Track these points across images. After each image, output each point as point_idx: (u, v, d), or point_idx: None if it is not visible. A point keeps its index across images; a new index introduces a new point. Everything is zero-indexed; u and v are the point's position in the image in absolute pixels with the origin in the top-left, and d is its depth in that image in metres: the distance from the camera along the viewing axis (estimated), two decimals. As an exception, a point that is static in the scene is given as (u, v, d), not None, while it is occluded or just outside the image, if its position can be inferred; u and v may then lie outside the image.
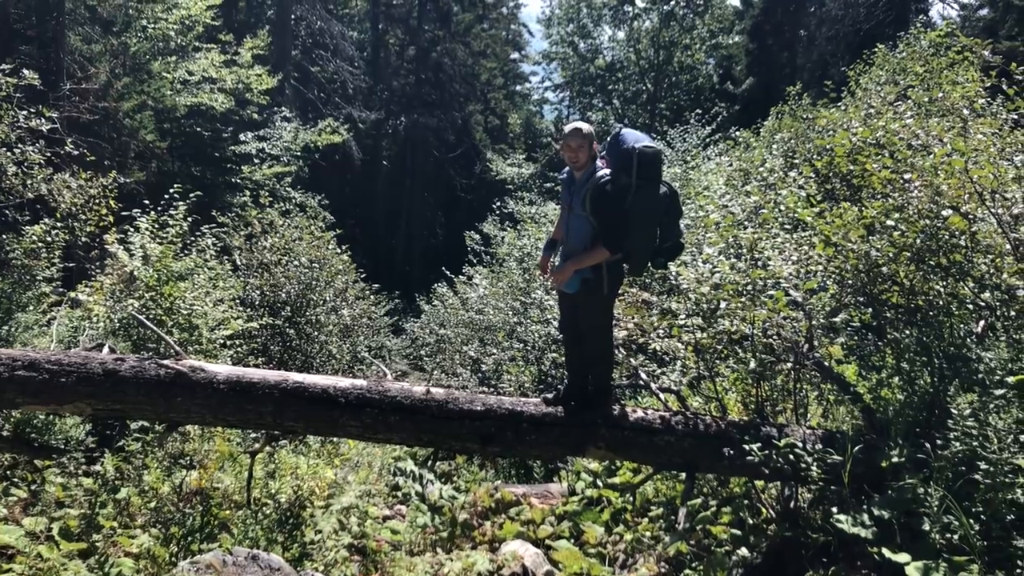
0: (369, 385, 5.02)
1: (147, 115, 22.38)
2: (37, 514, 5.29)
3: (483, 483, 6.92)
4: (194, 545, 4.98)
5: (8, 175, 9.14)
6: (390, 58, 46.82)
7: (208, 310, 9.23)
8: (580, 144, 4.93)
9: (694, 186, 13.92)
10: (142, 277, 8.82)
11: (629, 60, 40.75)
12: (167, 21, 21.57)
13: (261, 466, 6.50)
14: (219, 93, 23.45)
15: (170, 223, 9.69)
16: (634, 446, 5.13)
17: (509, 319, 12.92)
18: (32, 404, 4.67)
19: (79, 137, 14.15)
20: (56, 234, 9.66)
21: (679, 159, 16.46)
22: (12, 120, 9.24)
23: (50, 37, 19.26)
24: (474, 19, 47.74)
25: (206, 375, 4.80)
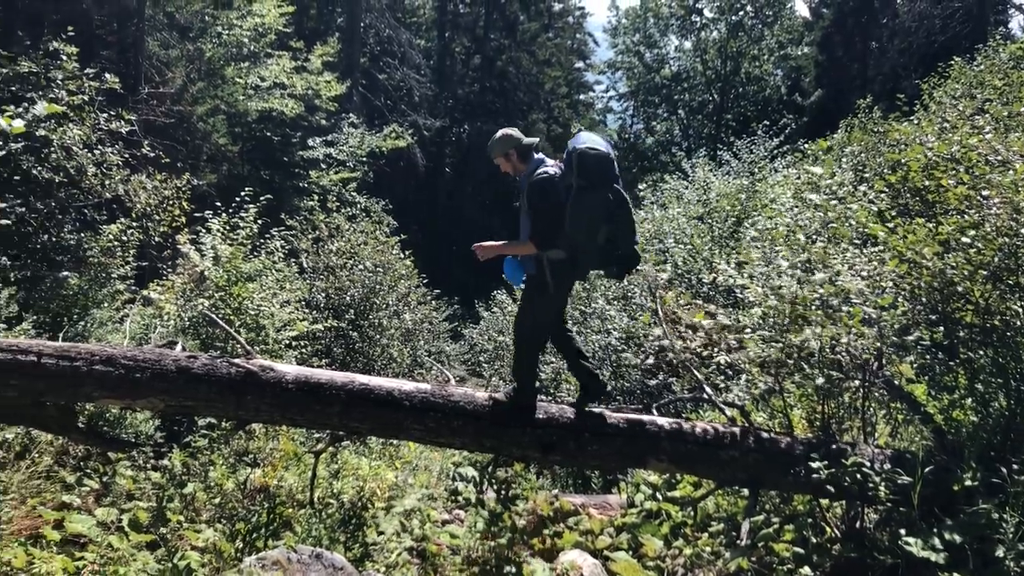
0: (433, 389, 5.06)
1: (220, 119, 22.95)
2: (108, 505, 5.45)
3: (541, 491, 6.92)
4: (259, 541, 5.07)
5: (88, 175, 9.45)
6: (456, 66, 47.20)
7: (275, 311, 9.41)
8: (497, 160, 5.23)
9: (760, 198, 13.76)
10: (212, 277, 9.04)
11: (695, 70, 40.39)
12: (241, 28, 22.13)
13: (324, 466, 6.60)
14: (289, 99, 23.95)
15: (241, 225, 9.91)
16: (697, 460, 5.08)
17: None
18: (108, 398, 4.81)
19: (155, 140, 14.57)
20: (131, 233, 9.96)
21: (745, 171, 16.26)
22: (93, 122, 9.56)
23: (130, 42, 19.90)
24: (540, 28, 47.86)
25: (275, 375, 4.89)
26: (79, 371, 4.61)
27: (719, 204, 13.90)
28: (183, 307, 9.18)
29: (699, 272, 11.11)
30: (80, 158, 9.22)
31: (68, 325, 8.72)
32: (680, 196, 16.08)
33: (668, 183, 17.88)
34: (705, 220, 13.68)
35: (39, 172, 8.98)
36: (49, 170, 9.05)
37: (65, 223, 9.58)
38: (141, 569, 4.58)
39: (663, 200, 16.65)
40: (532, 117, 46.49)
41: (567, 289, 5.22)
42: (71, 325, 8.77)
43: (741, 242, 11.16)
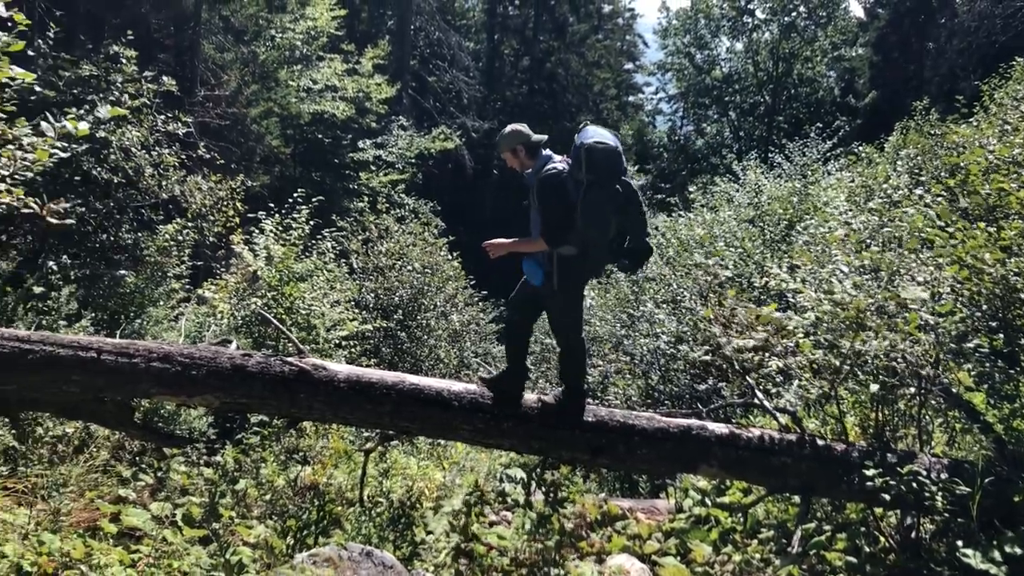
0: (482, 390, 5.08)
1: (273, 121, 23.31)
2: (163, 500, 5.55)
3: (588, 495, 6.89)
4: (309, 539, 5.13)
5: (145, 176, 9.66)
6: (504, 68, 47.29)
7: (325, 311, 9.52)
8: (504, 156, 5.25)
9: (813, 201, 13.56)
10: (265, 277, 9.17)
11: (747, 72, 39.86)
12: (294, 31, 22.46)
13: (373, 465, 6.66)
14: (340, 101, 24.25)
15: (293, 226, 10.05)
16: (749, 466, 5.02)
17: (616, 331, 12.83)
18: (165, 394, 4.90)
19: (210, 141, 14.83)
20: (187, 233, 10.16)
21: (798, 173, 16.04)
22: (151, 124, 9.77)
23: (186, 46, 20.30)
24: (589, 30, 47.76)
25: (327, 373, 4.95)
26: (137, 368, 4.71)
27: (770, 207, 13.72)
28: (236, 306, 9.33)
29: (750, 276, 10.98)
30: (138, 159, 9.42)
31: (125, 323, 8.91)
32: (731, 199, 15.91)
33: (718, 185, 17.70)
34: (756, 223, 13.52)
35: (99, 173, 9.20)
36: (108, 171, 9.26)
37: (123, 223, 9.80)
38: (194, 563, 4.64)
39: (713, 203, 16.49)
40: (580, 119, 46.31)
41: (580, 285, 5.19)
42: (128, 323, 8.96)
43: (793, 246, 11.01)
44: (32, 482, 5.27)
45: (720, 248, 11.68)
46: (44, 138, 3.66)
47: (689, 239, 13.00)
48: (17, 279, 8.56)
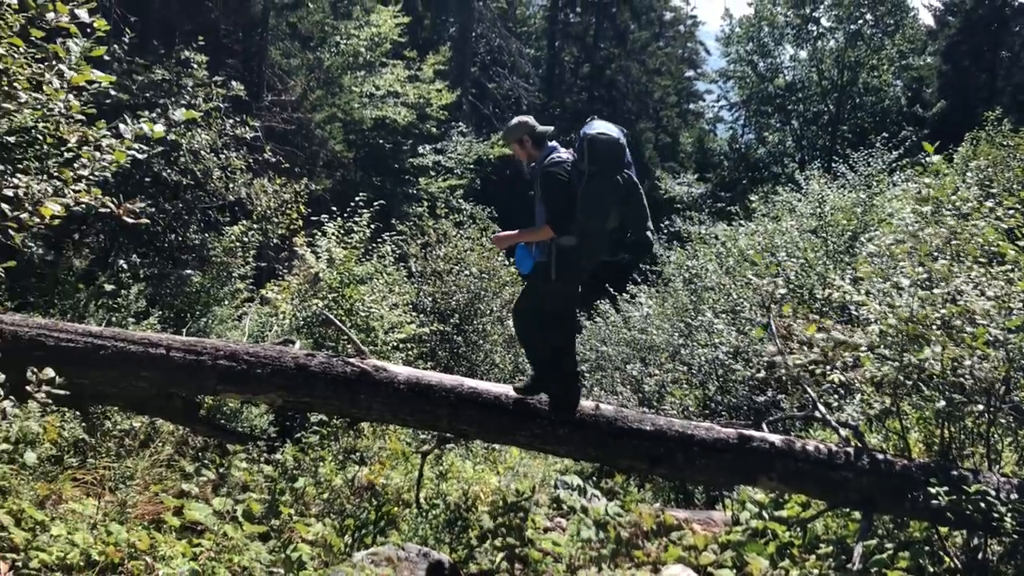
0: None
1: (336, 127, 23.65)
2: (224, 495, 5.66)
3: (643, 504, 6.85)
4: (367, 538, 5.19)
5: (213, 178, 9.89)
6: (564, 75, 47.28)
7: (384, 313, 9.63)
8: (511, 146, 5.35)
9: (877, 212, 13.28)
10: (326, 279, 9.31)
11: (811, 80, 39.19)
12: (359, 38, 22.78)
13: (429, 467, 6.71)
14: (402, 107, 24.51)
15: (354, 229, 10.18)
16: (809, 479, 4.95)
17: (673, 340, 12.73)
18: (230, 392, 5.02)
19: (276, 145, 15.13)
20: (252, 235, 10.37)
21: (862, 184, 15.72)
22: (220, 128, 10.00)
23: (254, 51, 20.73)
24: (651, 37, 47.51)
25: (388, 375, 5.01)
26: (204, 365, 4.83)
27: (834, 218, 13.48)
28: (298, 307, 9.49)
29: (812, 287, 10.79)
30: (207, 162, 9.66)
31: (191, 321, 9.13)
32: (793, 209, 15.66)
33: (780, 195, 17.45)
34: (819, 234, 13.30)
35: (168, 175, 9.45)
36: (178, 173, 9.52)
37: (191, 224, 10.05)
38: (254, 559, 4.72)
39: (775, 212, 16.25)
40: (640, 126, 46.14)
41: (577, 276, 5.18)
42: (194, 321, 9.18)
43: (857, 257, 10.80)
44: (100, 474, 5.41)
45: (781, 259, 11.52)
46: (122, 140, 3.78)
47: (748, 248, 12.84)
48: (89, 277, 8.84)
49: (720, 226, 18.63)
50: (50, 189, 3.68)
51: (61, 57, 3.63)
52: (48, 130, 4.18)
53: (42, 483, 4.79)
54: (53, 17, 3.45)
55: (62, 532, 4.21)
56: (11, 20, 3.59)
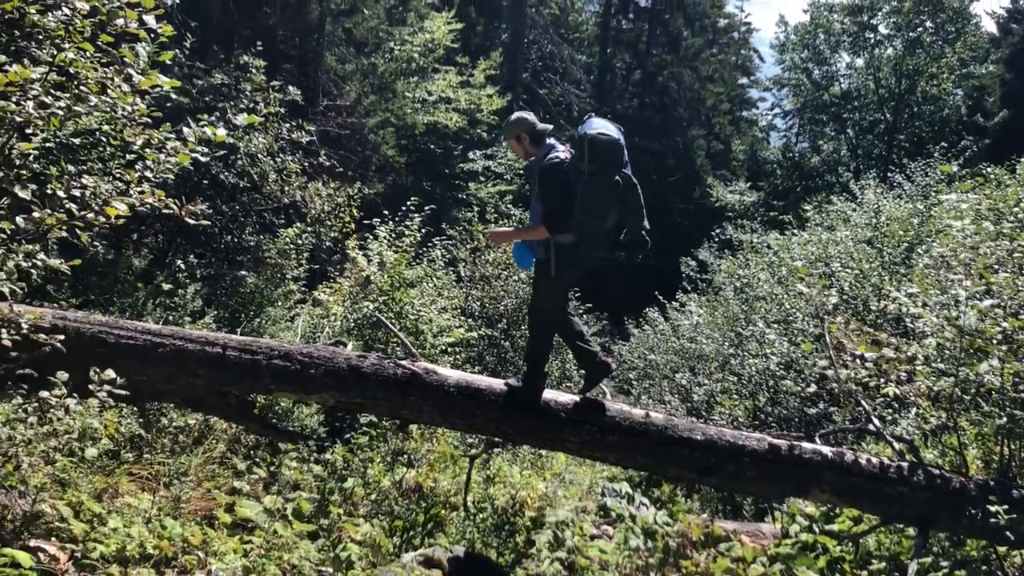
0: (588, 402, 5.07)
1: (389, 132, 23.90)
2: (275, 493, 5.74)
3: (690, 514, 6.79)
4: (415, 539, 5.22)
5: (269, 181, 10.06)
6: (616, 81, 47.17)
7: (433, 317, 9.69)
8: (509, 142, 5.32)
9: (935, 223, 13.01)
10: (377, 282, 9.40)
11: (867, 88, 38.46)
12: (412, 44, 23.00)
13: (477, 471, 6.73)
14: (453, 113, 24.66)
15: (405, 233, 10.27)
16: (863, 493, 4.86)
17: (723, 350, 12.60)
18: (283, 391, 5.09)
19: (330, 150, 15.33)
20: (305, 237, 10.52)
21: (919, 194, 15.41)
22: (276, 132, 10.17)
23: (310, 57, 21.05)
24: (704, 44, 47.18)
25: (438, 377, 5.04)
26: (259, 364, 4.90)
27: (889, 228, 13.24)
28: (349, 309, 9.59)
29: (866, 299, 10.61)
30: (263, 165, 9.83)
31: (245, 321, 9.29)
32: (847, 219, 15.41)
33: (835, 204, 17.18)
34: (874, 244, 13.07)
35: (226, 177, 9.64)
36: (235, 176, 9.70)
37: (247, 225, 10.23)
38: (303, 557, 4.78)
39: (829, 222, 16.01)
40: (692, 133, 45.82)
41: (574, 273, 5.21)
42: (248, 321, 9.34)
43: (913, 269, 10.58)
44: (155, 469, 5.53)
45: (835, 269, 11.33)
46: (185, 143, 3.87)
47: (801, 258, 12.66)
48: (148, 276, 9.04)
49: (772, 235, 18.41)
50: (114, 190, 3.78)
51: (129, 61, 3.73)
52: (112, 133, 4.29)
53: (100, 477, 4.92)
54: (122, 23, 3.54)
55: (118, 525, 4.31)
56: (79, 25, 3.69)
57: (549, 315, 5.32)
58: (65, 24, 3.68)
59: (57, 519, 4.08)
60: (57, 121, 3.53)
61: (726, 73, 48.29)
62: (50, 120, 3.51)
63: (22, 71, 3.40)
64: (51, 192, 3.67)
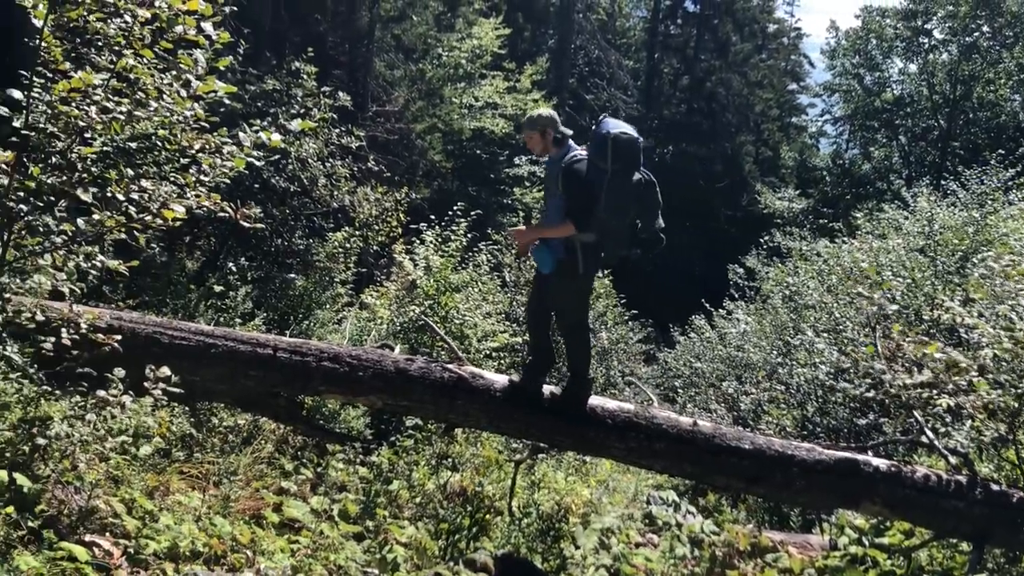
0: (636, 410, 5.05)
1: (436, 137, 24.08)
2: (322, 494, 5.80)
3: (735, 524, 6.71)
4: (460, 543, 5.24)
5: (319, 186, 10.18)
6: (663, 87, 46.96)
7: (478, 321, 9.71)
8: (529, 134, 5.26)
9: (991, 232, 12.73)
10: (423, 286, 9.46)
11: (920, 94, 37.77)
12: (460, 50, 23.14)
13: (521, 476, 6.73)
14: (500, 118, 24.74)
15: (452, 238, 10.31)
16: (916, 506, 4.77)
17: (771, 359, 12.45)
18: (332, 393, 5.15)
19: (378, 155, 15.47)
20: (353, 241, 10.62)
21: (975, 202, 15.07)
22: (326, 137, 10.29)
23: (359, 63, 21.27)
24: (753, 49, 46.77)
25: (484, 382, 5.06)
26: (309, 366, 4.97)
27: (943, 237, 12.98)
28: (395, 312, 9.66)
29: (919, 308, 10.41)
30: (313, 170, 9.95)
31: (294, 323, 9.40)
32: (899, 227, 15.15)
33: (886, 212, 16.89)
34: (927, 253, 12.82)
35: (276, 182, 9.78)
36: (285, 180, 9.84)
37: (296, 229, 10.37)
38: (349, 558, 4.82)
39: (881, 230, 15.75)
40: (740, 139, 45.42)
41: (595, 272, 5.28)
42: (296, 323, 9.45)
43: (968, 279, 10.36)
44: (205, 468, 5.61)
45: (887, 278, 11.14)
46: (241, 147, 3.94)
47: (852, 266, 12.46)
48: (199, 278, 9.20)
49: (822, 242, 18.16)
50: (172, 193, 3.87)
51: (188, 68, 3.81)
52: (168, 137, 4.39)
53: (152, 474, 5.00)
54: (181, 29, 3.63)
55: (170, 522, 4.39)
56: (137, 33, 3.78)
57: (578, 315, 5.37)
58: (125, 31, 3.77)
59: (111, 515, 4.16)
60: (119, 126, 3.63)
61: (775, 79, 47.81)
62: (111, 125, 3.60)
63: (86, 77, 3.50)
64: (111, 195, 3.76)
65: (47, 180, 3.74)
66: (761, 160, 46.80)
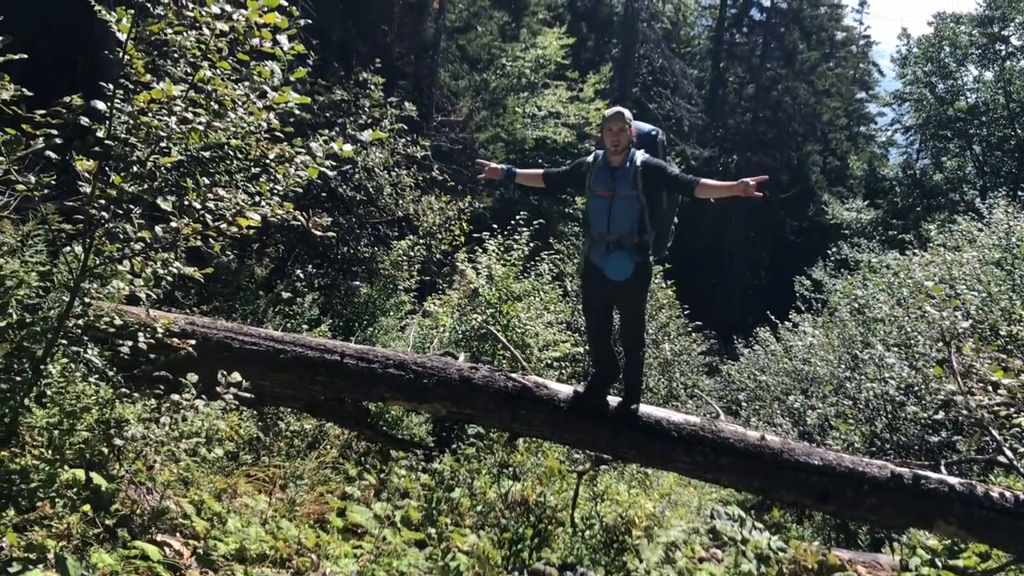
0: (702, 423, 4.99)
1: (499, 146, 24.18)
2: (385, 500, 5.86)
3: (802, 541, 6.58)
4: (523, 552, 5.23)
5: (384, 195, 10.30)
6: (728, 96, 46.47)
7: (540, 331, 9.71)
8: (622, 127, 5.04)
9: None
10: (485, 294, 9.49)
11: (996, 103, 36.63)
12: (524, 60, 23.24)
13: (583, 487, 6.69)
14: (562, 127, 24.76)
15: (514, 247, 10.33)
16: (993, 528, 4.61)
17: (838, 373, 12.18)
18: (397, 400, 5.19)
19: (442, 164, 15.60)
20: (417, 249, 10.72)
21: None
22: (392, 147, 10.41)
23: (425, 73, 21.51)
24: (820, 57, 46.00)
25: (548, 392, 5.05)
26: (375, 372, 5.02)
27: (1021, 250, 12.56)
28: (458, 320, 9.71)
29: (995, 323, 10.08)
30: (379, 179, 10.08)
31: (359, 330, 9.52)
32: (973, 239, 14.71)
33: (960, 224, 16.41)
34: (1003, 266, 12.41)
35: (343, 191, 9.93)
36: (352, 189, 9.98)
37: (362, 237, 10.50)
38: (412, 564, 4.85)
39: (953, 242, 15.31)
40: (807, 148, 44.69)
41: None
42: (361, 330, 9.57)
43: (1049, 293, 10.01)
44: (271, 472, 5.70)
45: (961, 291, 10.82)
46: (314, 157, 4.01)
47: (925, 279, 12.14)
48: (268, 284, 9.39)
49: (891, 255, 17.72)
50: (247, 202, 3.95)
51: (263, 78, 3.90)
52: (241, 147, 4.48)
53: (220, 477, 5.11)
54: (257, 42, 3.71)
55: (237, 524, 4.47)
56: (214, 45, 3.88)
57: (644, 322, 5.40)
58: (203, 44, 3.87)
59: (181, 516, 4.25)
60: (197, 136, 3.73)
61: (843, 87, 46.96)
62: (190, 135, 3.70)
63: (167, 87, 3.60)
64: (188, 203, 3.86)
65: (127, 188, 3.85)
66: (828, 170, 45.96)
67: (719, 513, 6.63)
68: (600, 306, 5.49)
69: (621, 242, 5.06)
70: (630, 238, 5.03)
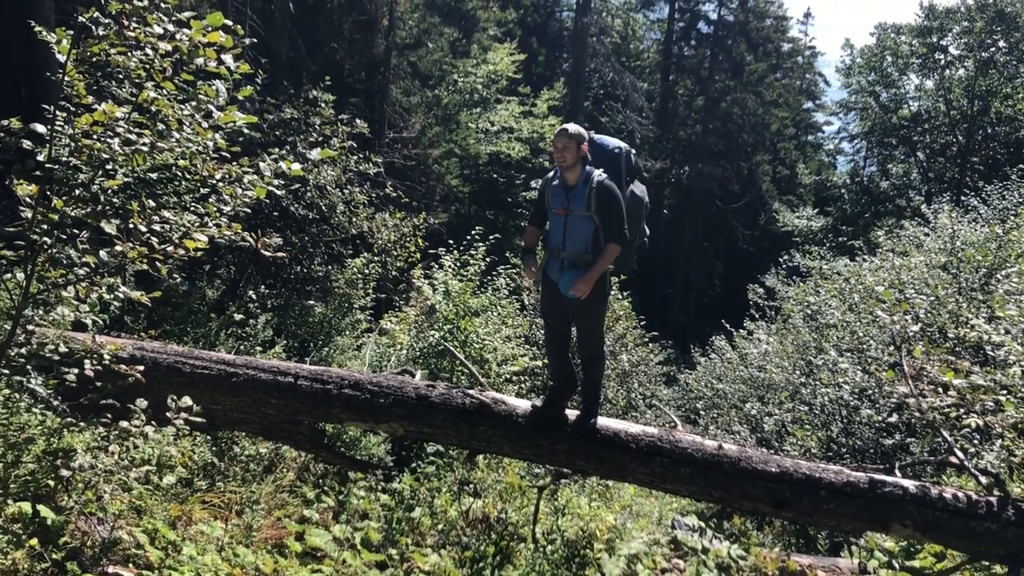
0: (660, 434, 5.00)
1: (453, 162, 24.23)
2: (344, 522, 5.77)
3: (762, 547, 6.61)
4: (485, 571, 5.18)
5: (337, 212, 10.23)
6: (678, 108, 47.07)
7: (498, 345, 9.68)
8: (565, 145, 4.96)
9: (1014, 247, 12.59)
10: (442, 311, 9.45)
11: (937, 110, 37.62)
12: (475, 75, 23.33)
13: (544, 502, 6.66)
14: (516, 142, 24.89)
15: (470, 262, 10.31)
16: (947, 529, 4.67)
17: (793, 379, 12.33)
18: (353, 420, 5.13)
19: (396, 181, 15.55)
20: (372, 267, 10.65)
21: (996, 218, 14.94)
22: (344, 164, 10.35)
23: (376, 90, 21.47)
24: (767, 69, 46.85)
25: (507, 407, 5.03)
26: (330, 393, 4.96)
27: (966, 253, 12.86)
28: (415, 338, 9.65)
29: (943, 326, 10.29)
30: (332, 197, 10.00)
31: (314, 350, 9.41)
32: (920, 244, 15.03)
33: (907, 229, 16.77)
34: (949, 270, 12.69)
35: (295, 209, 9.84)
36: (304, 207, 9.89)
37: (315, 256, 10.41)
38: (372, 586, 4.78)
39: (901, 247, 15.62)
40: (757, 158, 45.42)
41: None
42: (316, 350, 9.46)
43: (993, 295, 10.24)
44: (227, 498, 5.60)
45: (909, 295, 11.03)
46: (261, 176, 3.96)
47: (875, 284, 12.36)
48: (220, 306, 9.24)
49: (842, 261, 18.03)
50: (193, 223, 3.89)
51: (209, 98, 3.84)
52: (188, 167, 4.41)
53: (174, 504, 5.00)
54: (201, 62, 3.66)
55: (193, 552, 4.37)
56: (158, 65, 3.82)
57: (601, 337, 5.39)
58: (146, 64, 3.81)
59: (134, 546, 4.15)
60: (141, 158, 3.66)
61: (791, 98, 47.88)
62: (134, 157, 3.63)
63: (109, 109, 3.53)
64: (132, 226, 3.78)
65: (70, 212, 3.77)
66: (778, 179, 46.75)
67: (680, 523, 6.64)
68: (557, 318, 5.47)
69: (576, 261, 5.05)
70: (584, 256, 5.01)
